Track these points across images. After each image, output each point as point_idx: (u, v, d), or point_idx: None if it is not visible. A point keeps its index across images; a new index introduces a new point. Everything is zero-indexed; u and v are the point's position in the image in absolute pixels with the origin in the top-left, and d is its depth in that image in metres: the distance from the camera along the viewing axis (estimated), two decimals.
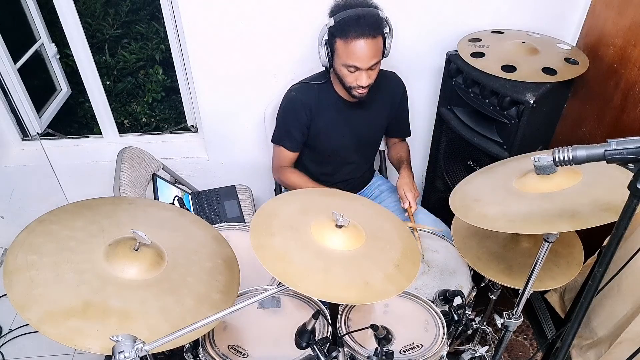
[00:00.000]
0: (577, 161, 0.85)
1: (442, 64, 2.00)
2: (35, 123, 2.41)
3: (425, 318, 1.43)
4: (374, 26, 1.58)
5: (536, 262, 1.24)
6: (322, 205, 1.21)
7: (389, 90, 1.92)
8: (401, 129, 2.09)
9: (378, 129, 2.00)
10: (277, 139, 1.92)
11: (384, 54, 1.68)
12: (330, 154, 1.96)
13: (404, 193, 1.86)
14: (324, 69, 1.76)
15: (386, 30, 1.65)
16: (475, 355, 1.73)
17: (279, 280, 0.97)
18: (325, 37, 1.65)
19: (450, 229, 1.63)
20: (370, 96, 1.76)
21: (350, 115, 1.87)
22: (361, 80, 1.66)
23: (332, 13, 1.63)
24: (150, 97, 3.84)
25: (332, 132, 1.88)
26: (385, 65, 1.82)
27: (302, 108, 1.82)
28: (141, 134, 2.56)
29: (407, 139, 2.14)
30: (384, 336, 1.19)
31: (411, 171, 1.98)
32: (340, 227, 1.09)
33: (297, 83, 1.87)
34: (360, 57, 1.60)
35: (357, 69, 1.64)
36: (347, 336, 1.34)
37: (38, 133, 2.42)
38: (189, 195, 2.23)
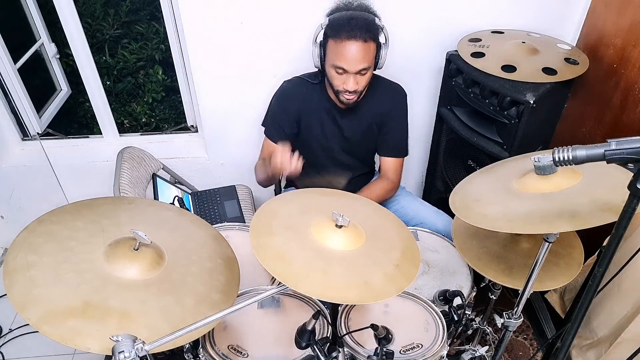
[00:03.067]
0: (577, 161, 0.85)
1: (442, 64, 2.00)
2: (35, 123, 2.40)
3: (425, 318, 1.43)
4: (364, 29, 1.56)
5: (536, 262, 1.24)
6: (322, 205, 1.21)
7: (385, 101, 1.85)
8: (390, 145, 1.91)
9: (368, 136, 1.91)
10: (264, 123, 1.92)
11: (377, 63, 1.66)
12: (320, 153, 1.93)
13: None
14: None
15: (381, 39, 1.63)
16: (475, 355, 1.73)
17: (279, 280, 0.97)
18: (320, 37, 1.64)
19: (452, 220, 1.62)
20: (362, 104, 1.74)
21: (338, 118, 1.85)
22: (348, 84, 1.63)
23: (330, 14, 1.63)
24: (150, 97, 3.84)
25: (320, 131, 1.87)
26: (385, 65, 1.81)
27: (291, 100, 1.82)
28: (141, 134, 2.56)
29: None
30: (384, 336, 1.19)
31: (358, 193, 1.84)
32: (340, 227, 1.09)
33: (293, 77, 1.88)
34: (348, 59, 1.58)
35: (344, 71, 1.61)
36: (347, 336, 1.34)
37: (38, 133, 2.42)
38: (189, 195, 2.23)
